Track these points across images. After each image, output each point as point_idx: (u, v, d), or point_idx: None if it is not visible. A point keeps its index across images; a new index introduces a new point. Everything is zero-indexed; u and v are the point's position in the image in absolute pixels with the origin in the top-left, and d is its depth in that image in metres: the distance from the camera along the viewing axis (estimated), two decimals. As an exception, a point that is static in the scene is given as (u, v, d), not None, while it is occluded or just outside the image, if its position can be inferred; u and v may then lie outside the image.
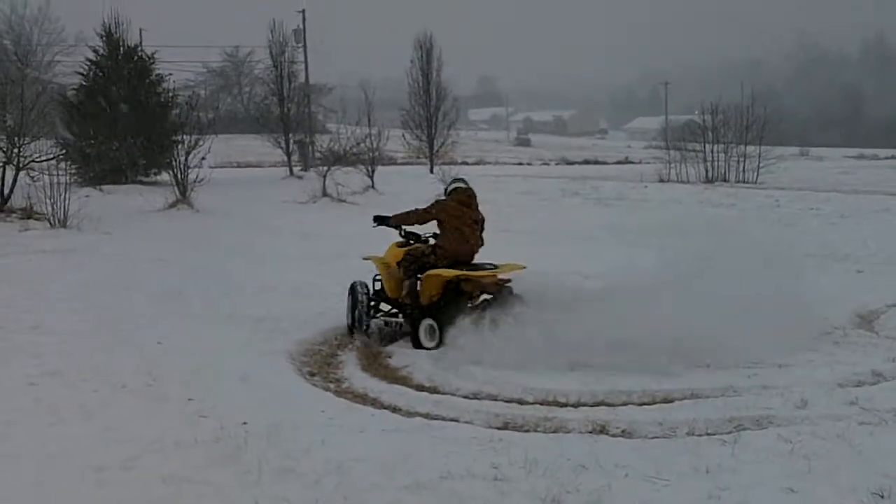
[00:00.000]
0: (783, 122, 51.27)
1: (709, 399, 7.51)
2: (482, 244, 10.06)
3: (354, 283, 10.15)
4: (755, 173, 35.03)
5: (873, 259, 14.85)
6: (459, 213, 9.84)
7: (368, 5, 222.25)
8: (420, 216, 9.94)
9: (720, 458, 5.94)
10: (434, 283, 9.54)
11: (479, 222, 10.08)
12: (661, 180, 35.39)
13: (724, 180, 35.07)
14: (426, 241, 10.14)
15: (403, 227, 10.18)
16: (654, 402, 7.51)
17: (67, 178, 18.74)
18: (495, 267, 9.65)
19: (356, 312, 9.99)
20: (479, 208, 10.14)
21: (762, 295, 9.86)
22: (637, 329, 8.89)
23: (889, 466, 5.66)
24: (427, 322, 9.46)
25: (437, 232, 9.95)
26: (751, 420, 6.89)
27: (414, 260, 9.82)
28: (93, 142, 25.84)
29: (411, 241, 10.23)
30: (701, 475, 5.67)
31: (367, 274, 10.45)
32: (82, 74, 29.27)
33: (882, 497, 5.21)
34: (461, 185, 10.21)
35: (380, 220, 10.27)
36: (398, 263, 9.99)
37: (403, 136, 40.47)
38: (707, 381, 8.02)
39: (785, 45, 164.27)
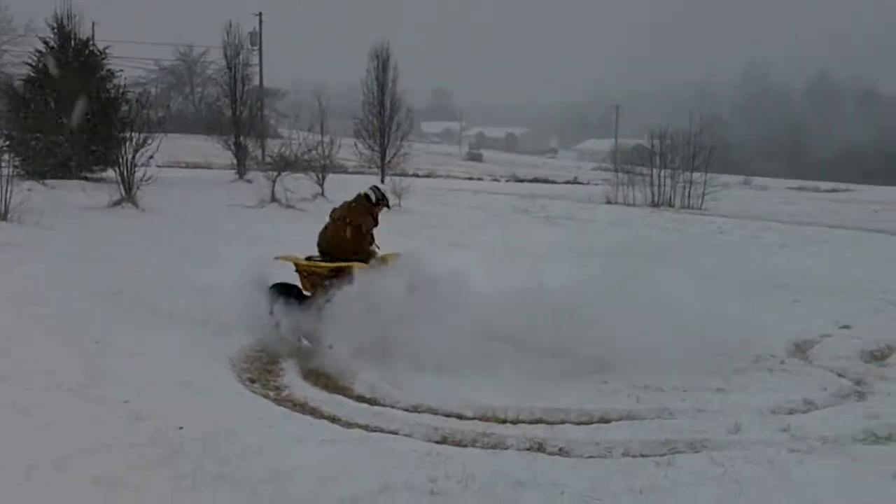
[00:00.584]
0: (729, 150, 52.07)
1: (644, 420, 7.60)
2: (351, 245, 10.22)
3: None
4: (700, 199, 35.54)
5: (810, 289, 15.08)
6: (337, 210, 10.54)
7: (326, 12, 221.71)
8: None
9: (654, 480, 6.02)
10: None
11: (346, 221, 10.32)
12: (609, 202, 35.79)
13: (670, 205, 35.53)
14: None
15: None
16: (592, 422, 7.58)
17: (10, 170, 18.43)
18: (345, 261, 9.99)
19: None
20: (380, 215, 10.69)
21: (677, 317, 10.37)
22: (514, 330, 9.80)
23: (817, 494, 5.78)
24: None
25: None
26: (685, 443, 6.99)
27: None
28: (38, 135, 25.43)
29: None
30: (635, 495, 5.75)
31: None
32: (31, 65, 28.83)
33: (808, 524, 5.32)
34: (369, 190, 10.74)
35: None
36: None
37: (356, 144, 40.36)
38: (643, 403, 8.12)
39: (733, 74, 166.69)
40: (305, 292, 10.20)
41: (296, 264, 10.19)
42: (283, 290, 10.13)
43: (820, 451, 6.79)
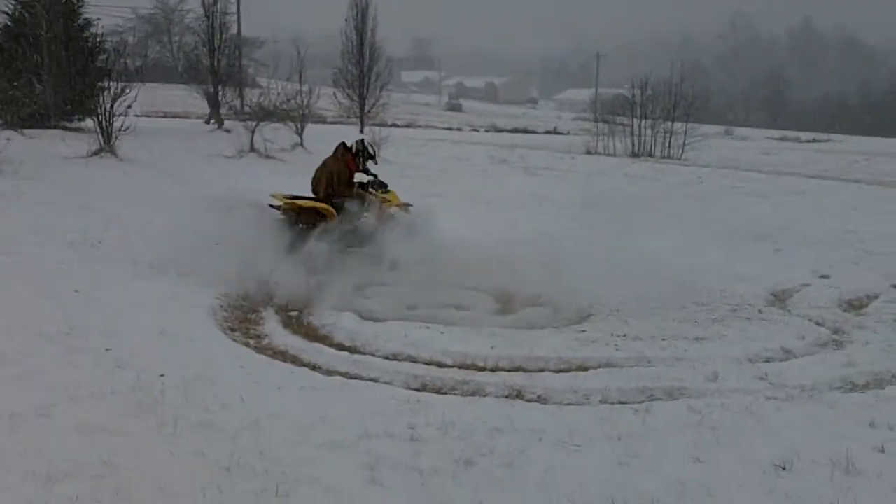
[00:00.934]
0: (710, 100, 52.01)
1: (623, 368, 7.69)
2: (324, 190, 11.43)
3: None
4: (680, 150, 35.56)
5: (790, 239, 15.17)
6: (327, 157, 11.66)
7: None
8: None
9: (631, 427, 6.10)
10: None
11: (325, 168, 11.55)
12: (589, 152, 35.77)
13: (650, 155, 35.54)
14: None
15: None
16: (570, 370, 7.66)
17: (-12, 120, 18.23)
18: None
19: None
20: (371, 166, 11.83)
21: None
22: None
23: (793, 440, 5.87)
24: None
25: None
26: (662, 391, 7.08)
27: None
28: (15, 84, 25.10)
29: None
30: (612, 442, 5.82)
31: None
32: (7, 14, 28.38)
33: (784, 469, 5.40)
34: (354, 141, 11.80)
35: None
36: None
37: (335, 94, 40.17)
38: (622, 351, 8.20)
39: (718, 24, 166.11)
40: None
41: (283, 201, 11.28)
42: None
43: (797, 399, 6.89)
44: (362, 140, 11.84)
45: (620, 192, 20.92)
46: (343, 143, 11.67)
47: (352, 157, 11.53)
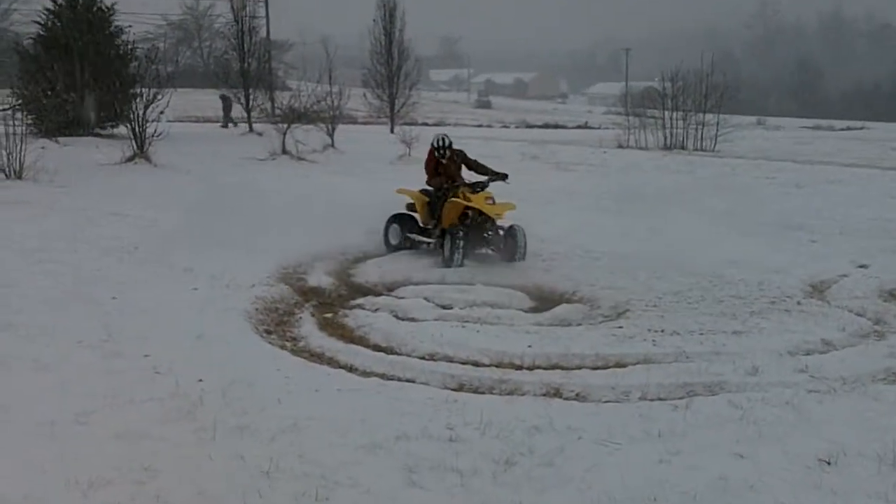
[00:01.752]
0: (742, 90, 51.56)
1: (661, 364, 7.61)
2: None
3: None
4: (713, 142, 35.23)
5: (827, 229, 14.99)
6: None
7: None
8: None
9: (671, 423, 6.03)
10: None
11: None
12: (620, 146, 35.51)
13: (682, 148, 35.23)
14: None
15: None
16: (608, 367, 7.59)
17: (24, 128, 18.40)
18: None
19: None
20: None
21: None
22: None
23: (836, 434, 5.78)
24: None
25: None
26: (702, 386, 7.00)
27: None
28: (50, 93, 25.34)
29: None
30: (653, 439, 5.77)
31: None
32: (40, 24, 28.66)
33: (829, 464, 5.33)
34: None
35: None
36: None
37: (364, 95, 40.23)
38: (660, 347, 8.12)
39: (745, 14, 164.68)
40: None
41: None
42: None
43: (839, 392, 6.78)
44: (439, 135, 12.73)
45: (654, 186, 20.75)
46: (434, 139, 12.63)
47: (432, 151, 12.49)
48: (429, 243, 12.36)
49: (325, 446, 5.48)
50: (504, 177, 12.35)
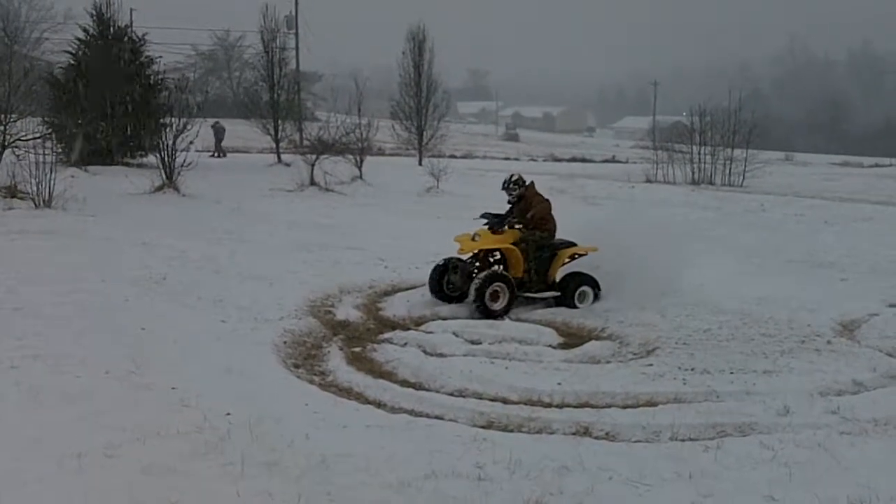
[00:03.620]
0: (770, 125, 51.41)
1: (692, 403, 7.55)
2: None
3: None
4: (741, 177, 35.13)
5: (857, 267, 14.89)
6: None
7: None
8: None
9: (703, 464, 5.97)
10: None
11: None
12: (648, 181, 35.48)
13: (710, 183, 35.16)
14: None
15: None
16: (638, 405, 7.54)
17: (53, 157, 18.56)
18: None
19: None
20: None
21: None
22: None
23: (869, 476, 5.71)
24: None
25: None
26: (733, 426, 6.94)
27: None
28: (80, 122, 25.60)
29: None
30: (684, 481, 5.70)
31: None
32: (71, 53, 29.03)
33: (862, 508, 5.25)
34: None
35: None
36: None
37: (393, 126, 40.38)
38: (690, 385, 8.05)
39: (772, 49, 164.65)
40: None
41: None
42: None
43: (871, 434, 6.71)
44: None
45: (682, 221, 20.65)
46: None
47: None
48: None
49: (353, 484, 5.44)
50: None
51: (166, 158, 21.64)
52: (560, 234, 11.99)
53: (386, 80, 55.09)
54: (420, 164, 36.07)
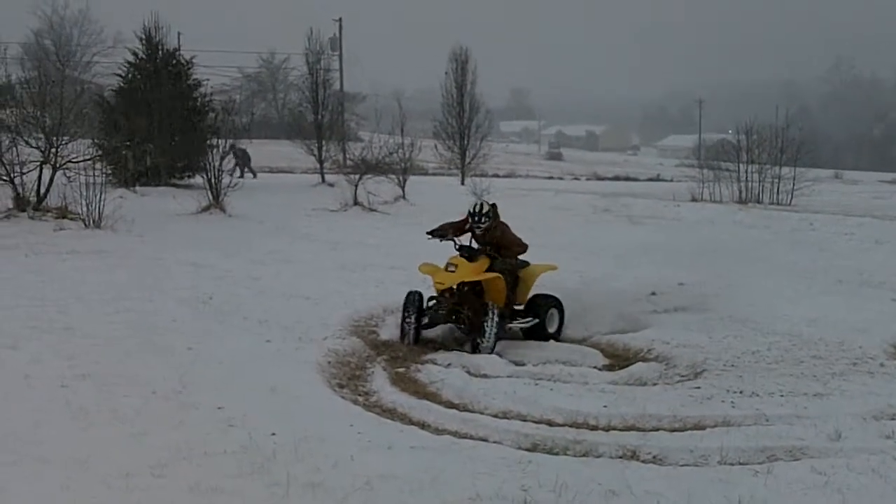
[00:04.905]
0: (818, 143, 50.89)
1: (741, 427, 7.42)
2: None
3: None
4: (789, 195, 34.70)
5: (909, 287, 14.63)
6: None
7: (403, 17, 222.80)
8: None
9: (753, 489, 5.85)
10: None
11: None
12: (694, 199, 35.11)
13: (758, 201, 34.72)
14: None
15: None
16: (686, 429, 7.44)
17: (103, 178, 18.83)
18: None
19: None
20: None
21: None
22: None
23: (926, 504, 5.57)
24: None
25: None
26: (783, 450, 6.80)
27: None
28: (129, 143, 25.95)
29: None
30: (734, 506, 5.60)
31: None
32: (121, 76, 29.49)
33: (917, 537, 5.13)
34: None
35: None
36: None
37: (436, 146, 40.51)
38: (739, 409, 7.93)
39: (818, 68, 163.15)
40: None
41: None
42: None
43: (927, 460, 6.54)
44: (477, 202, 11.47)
45: (730, 241, 20.46)
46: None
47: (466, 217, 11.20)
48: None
49: (398, 506, 5.42)
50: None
51: (212, 179, 21.87)
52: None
53: (428, 102, 55.32)
54: (462, 183, 36.11)
